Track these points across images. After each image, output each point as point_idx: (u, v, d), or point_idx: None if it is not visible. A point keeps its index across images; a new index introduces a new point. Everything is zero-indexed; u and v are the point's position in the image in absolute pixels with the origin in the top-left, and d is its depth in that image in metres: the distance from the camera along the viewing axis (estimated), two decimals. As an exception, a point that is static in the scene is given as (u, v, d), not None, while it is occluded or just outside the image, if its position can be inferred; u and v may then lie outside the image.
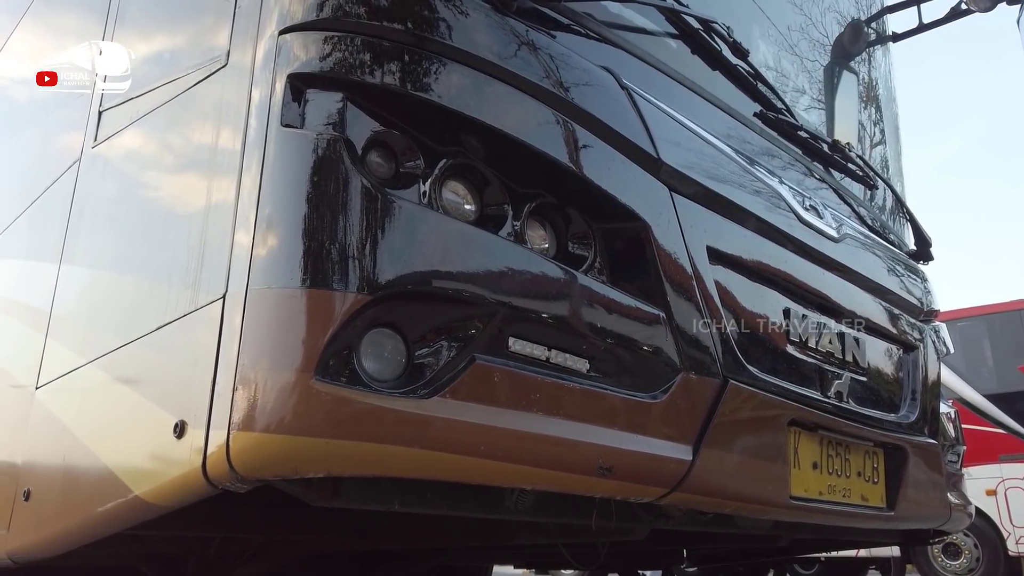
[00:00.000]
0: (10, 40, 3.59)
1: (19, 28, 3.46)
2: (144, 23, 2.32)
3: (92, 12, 2.65)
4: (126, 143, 2.15)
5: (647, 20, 2.14)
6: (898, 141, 3.47)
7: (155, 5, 2.28)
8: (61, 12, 3.21)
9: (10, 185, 3.09)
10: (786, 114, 2.47)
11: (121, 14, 2.40)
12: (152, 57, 2.17)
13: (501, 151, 1.66)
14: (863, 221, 2.75)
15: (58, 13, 3.24)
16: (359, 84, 1.54)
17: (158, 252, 1.81)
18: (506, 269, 1.57)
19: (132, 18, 2.35)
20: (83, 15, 2.89)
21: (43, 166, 2.69)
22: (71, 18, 3.06)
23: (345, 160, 1.46)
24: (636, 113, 1.88)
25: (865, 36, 3.39)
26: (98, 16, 2.54)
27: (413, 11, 1.64)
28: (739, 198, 2.07)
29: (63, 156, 2.50)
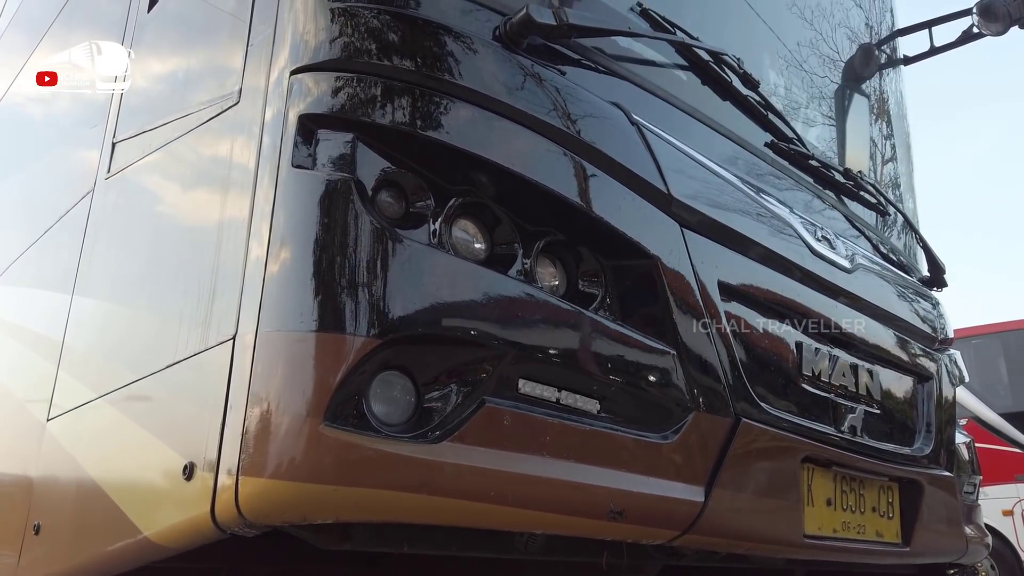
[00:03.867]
0: (24, 68, 3.63)
1: (33, 56, 3.50)
2: (158, 57, 2.33)
3: (105, 38, 2.68)
4: (139, 176, 2.16)
5: (657, 53, 2.14)
6: (910, 164, 3.45)
7: (169, 39, 2.30)
8: (74, 43, 3.25)
9: (25, 212, 3.12)
10: (797, 143, 2.46)
11: (135, 46, 2.42)
12: (166, 91, 2.19)
13: (511, 189, 1.66)
14: (876, 249, 2.73)
15: (72, 43, 3.28)
16: (370, 124, 1.54)
17: (170, 288, 1.82)
18: (516, 310, 1.56)
19: (146, 51, 2.38)
20: (96, 39, 2.92)
21: (57, 194, 2.71)
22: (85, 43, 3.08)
23: (355, 201, 1.46)
24: (646, 148, 1.88)
25: (876, 60, 3.38)
26: (112, 48, 2.57)
27: (424, 51, 1.64)
28: (750, 231, 2.06)
29: (77, 185, 2.52)
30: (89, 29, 3.14)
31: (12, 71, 4.13)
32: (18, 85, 4.00)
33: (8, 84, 4.19)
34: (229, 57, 1.85)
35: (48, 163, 3.11)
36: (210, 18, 2.06)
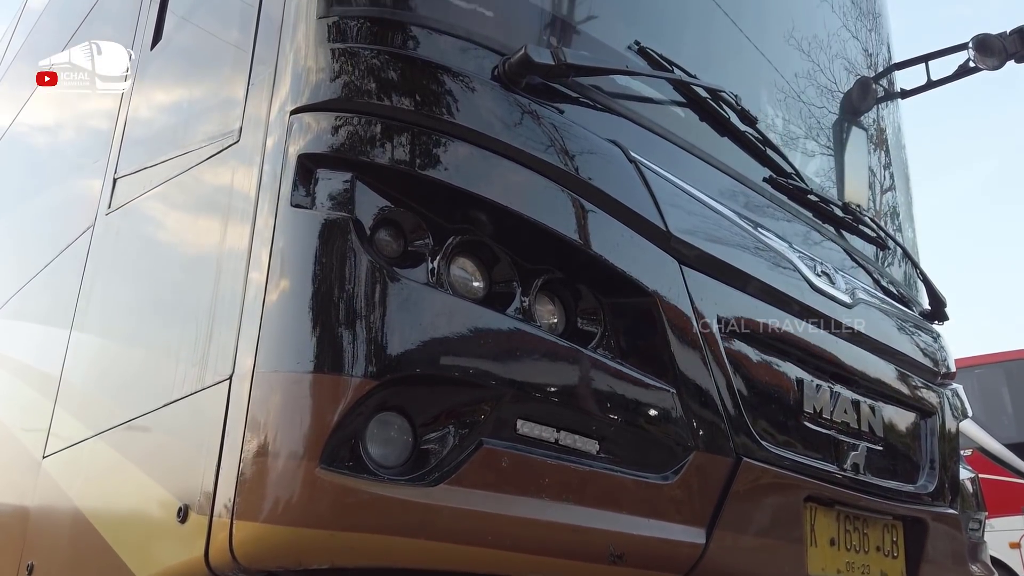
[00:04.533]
0: (29, 103, 3.67)
1: (36, 95, 3.54)
2: (160, 94, 2.35)
3: (109, 74, 2.71)
4: (140, 212, 2.17)
5: (654, 90, 2.15)
6: (909, 195, 3.45)
7: (171, 77, 2.32)
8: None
9: (27, 245, 3.13)
10: (796, 178, 2.46)
11: (138, 83, 2.44)
12: (168, 128, 2.20)
13: (510, 228, 1.66)
14: (876, 284, 2.72)
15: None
16: (369, 164, 1.55)
17: (168, 326, 1.81)
18: (515, 349, 1.56)
19: (149, 88, 2.40)
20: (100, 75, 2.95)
21: (58, 229, 2.72)
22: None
23: (354, 241, 1.46)
24: (644, 186, 1.88)
25: (874, 93, 3.40)
26: (115, 84, 2.59)
27: (423, 91, 1.65)
28: (750, 267, 2.05)
29: (78, 220, 2.53)
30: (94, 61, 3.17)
31: (17, 105, 4.17)
32: (22, 119, 4.03)
33: (13, 117, 4.22)
34: (230, 95, 1.86)
35: (50, 197, 3.13)
36: (212, 57, 2.08)
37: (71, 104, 3.25)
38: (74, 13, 3.54)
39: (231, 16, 2.02)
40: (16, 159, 3.98)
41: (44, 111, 3.71)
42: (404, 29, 1.73)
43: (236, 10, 1.99)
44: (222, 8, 2.09)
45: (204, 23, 2.17)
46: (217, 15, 2.10)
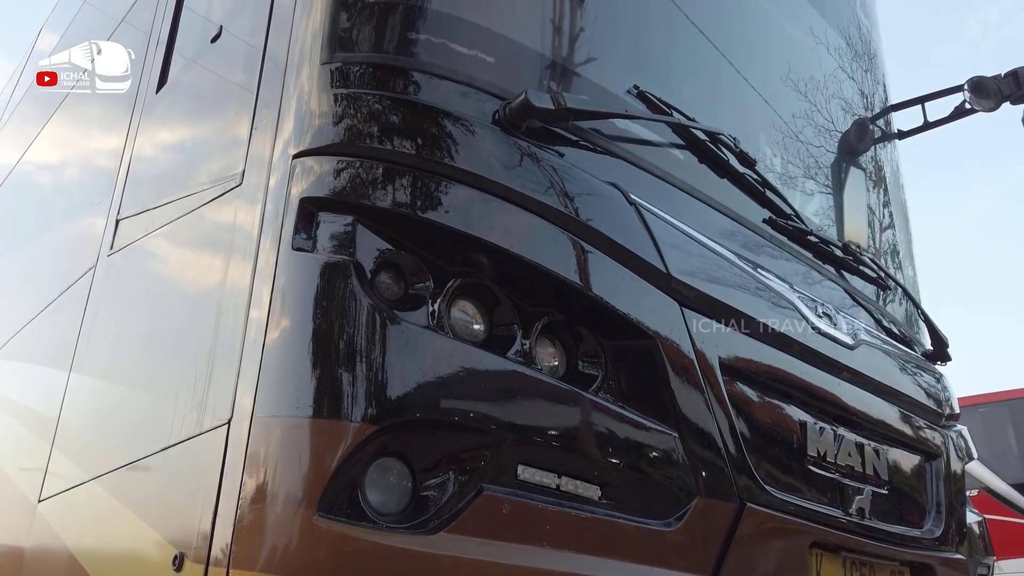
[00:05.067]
0: (33, 145, 3.71)
1: (45, 130, 3.58)
2: (164, 137, 2.38)
3: (115, 122, 2.74)
4: (142, 254, 2.18)
5: (653, 133, 2.17)
6: (908, 233, 3.46)
7: (176, 120, 2.35)
8: (83, 121, 3.32)
9: (29, 285, 3.13)
10: (795, 219, 2.47)
11: (143, 126, 2.47)
12: (171, 170, 2.22)
13: (510, 270, 1.66)
14: (878, 324, 2.72)
15: (81, 122, 3.35)
16: (371, 207, 1.56)
17: (167, 368, 1.81)
18: (516, 393, 1.55)
19: (153, 131, 2.42)
20: (105, 123, 2.98)
21: (61, 269, 2.73)
22: (94, 127, 3.15)
23: (354, 284, 1.47)
24: (644, 228, 1.89)
25: (871, 134, 3.43)
26: (120, 126, 2.62)
27: (424, 135, 1.67)
28: (751, 309, 2.05)
29: (81, 261, 2.53)
30: (99, 105, 3.22)
31: (24, 143, 4.21)
32: (29, 157, 4.07)
33: (19, 157, 4.27)
34: (233, 139, 1.88)
35: (54, 237, 3.14)
36: (216, 101, 2.11)
37: (76, 144, 3.28)
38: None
39: (235, 62, 2.05)
40: (22, 198, 4.01)
41: (50, 150, 3.75)
42: (406, 74, 1.75)
43: (240, 56, 2.02)
44: (227, 54, 2.12)
45: (209, 68, 2.20)
46: (222, 61, 2.13)
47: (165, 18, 2.61)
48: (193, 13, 2.48)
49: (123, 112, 2.61)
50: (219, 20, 2.22)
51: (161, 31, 2.58)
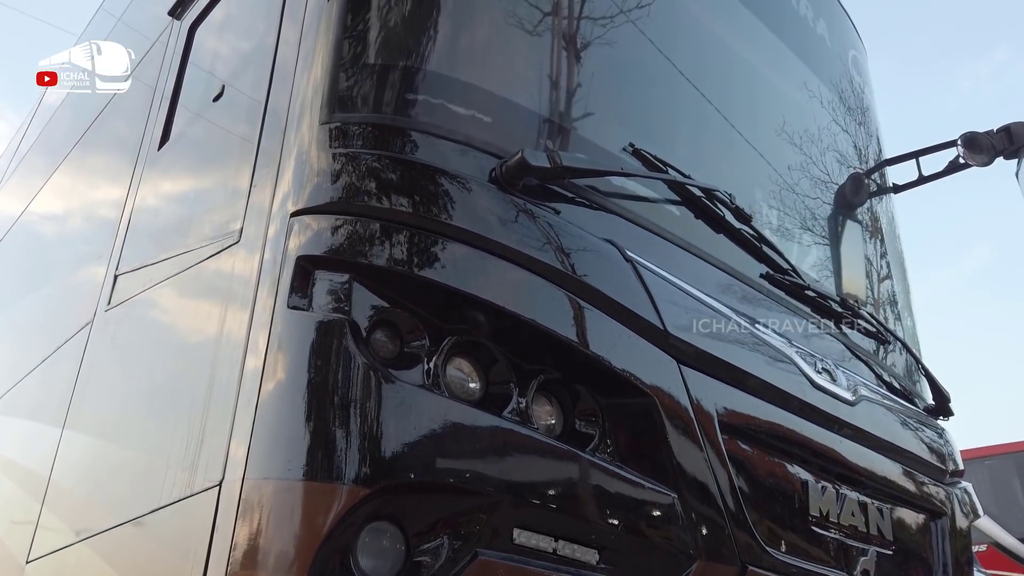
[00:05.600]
0: (37, 197, 3.74)
1: (47, 185, 3.61)
2: (165, 193, 2.40)
3: (117, 177, 2.77)
4: (139, 310, 2.17)
5: (649, 190, 2.19)
6: (906, 284, 3.46)
7: (176, 177, 2.37)
8: (86, 175, 3.35)
9: (25, 340, 3.12)
10: (793, 274, 2.47)
11: (144, 182, 2.49)
12: (170, 226, 2.24)
13: (507, 328, 1.66)
14: (878, 380, 2.70)
15: (84, 176, 3.38)
16: (367, 266, 1.56)
17: (159, 428, 1.79)
18: (512, 453, 1.53)
19: (154, 187, 2.44)
20: (108, 178, 3.02)
21: (57, 324, 2.73)
22: (96, 181, 3.18)
23: (349, 343, 1.46)
24: (641, 285, 1.89)
25: (866, 188, 3.46)
26: (122, 181, 2.65)
27: (422, 193, 1.68)
28: (749, 366, 2.04)
29: (77, 316, 2.53)
30: (101, 161, 3.26)
31: (28, 195, 4.25)
32: (31, 211, 4.10)
33: (21, 210, 4.30)
34: (233, 197, 1.90)
35: (52, 291, 3.15)
36: (216, 158, 2.13)
37: (78, 198, 3.31)
38: (89, 109, 3.64)
39: (236, 121, 2.08)
40: (25, 250, 4.03)
41: (53, 203, 3.78)
42: (404, 134, 1.78)
43: (241, 115, 2.05)
44: (228, 113, 2.15)
45: (210, 127, 2.24)
46: (223, 119, 2.16)
47: (170, 74, 2.65)
48: (198, 70, 2.53)
49: (125, 167, 2.64)
50: (222, 79, 2.26)
51: (166, 87, 2.63)
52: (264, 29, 2.10)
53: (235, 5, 2.45)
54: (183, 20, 2.74)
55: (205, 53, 2.53)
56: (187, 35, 2.64)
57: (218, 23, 2.52)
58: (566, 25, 2.23)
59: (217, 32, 2.51)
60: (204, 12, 2.57)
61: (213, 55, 2.48)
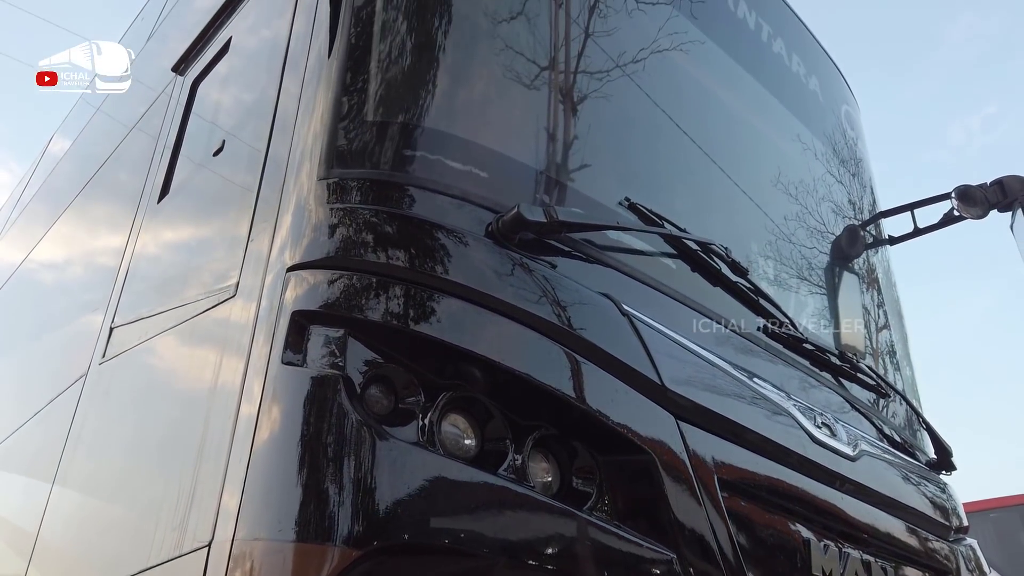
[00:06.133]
0: (36, 248, 3.75)
1: (47, 236, 3.63)
2: (163, 246, 2.41)
3: (116, 228, 2.78)
4: (133, 363, 2.16)
5: (645, 243, 2.19)
6: (905, 338, 3.46)
7: (175, 230, 2.39)
8: (86, 226, 3.37)
9: (20, 391, 3.10)
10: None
11: (143, 235, 2.50)
12: (168, 279, 2.24)
13: (502, 383, 1.64)
14: (879, 433, 2.67)
15: (83, 227, 3.40)
16: (363, 321, 1.56)
17: (149, 485, 1.76)
18: (507, 513, 1.50)
19: (152, 240, 2.45)
20: (107, 230, 3.03)
21: (52, 376, 2.71)
22: (96, 233, 3.20)
23: (343, 401, 1.45)
24: (638, 339, 1.88)
25: (862, 239, 3.48)
26: (121, 233, 2.66)
27: (418, 248, 1.69)
28: (748, 421, 2.02)
29: (72, 368, 2.52)
30: (102, 213, 3.28)
31: (29, 244, 4.26)
32: (31, 261, 4.11)
33: (21, 259, 4.31)
34: (230, 251, 1.90)
35: (48, 343, 3.13)
36: (215, 213, 2.14)
37: (77, 249, 3.32)
38: (92, 160, 3.69)
39: (235, 176, 2.10)
40: (23, 300, 4.02)
41: (52, 254, 3.79)
42: (401, 189, 1.79)
43: (240, 171, 2.07)
44: (227, 168, 2.17)
45: (210, 181, 2.25)
46: (222, 175, 2.18)
47: (172, 128, 2.69)
48: (199, 125, 2.56)
49: (125, 219, 2.66)
50: (222, 134, 2.29)
51: (168, 140, 2.66)
52: (265, 83, 2.13)
53: (237, 62, 2.50)
54: (186, 76, 2.79)
55: (207, 108, 2.57)
56: (189, 91, 2.68)
57: (220, 79, 2.56)
58: (562, 80, 2.27)
59: (219, 87, 2.56)
60: (207, 69, 2.62)
61: (214, 110, 2.51)
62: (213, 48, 2.66)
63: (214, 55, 2.62)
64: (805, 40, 3.52)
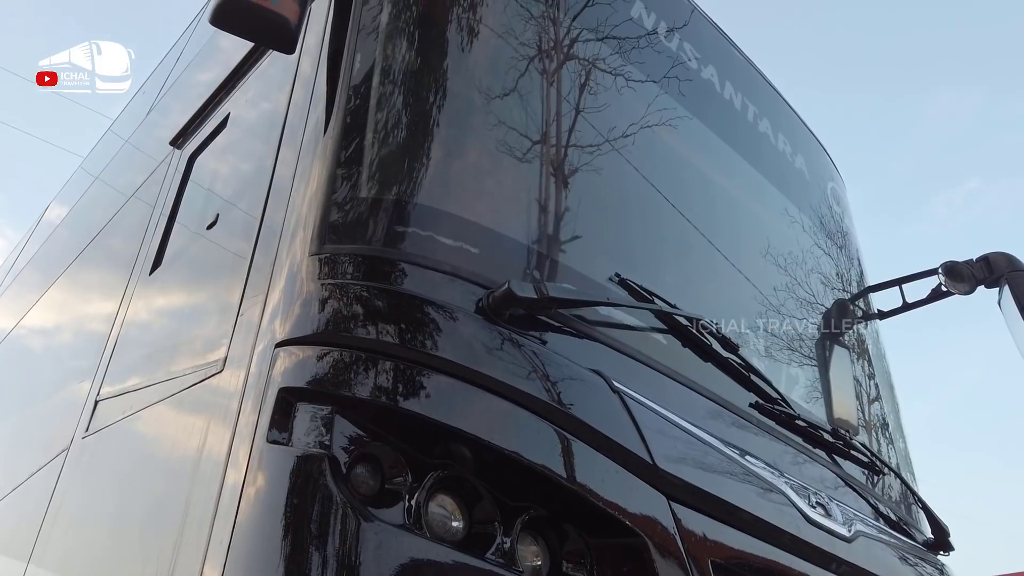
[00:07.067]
0: (27, 316, 3.73)
1: (36, 307, 3.62)
2: (152, 319, 2.40)
3: (106, 300, 2.77)
4: (116, 438, 2.13)
5: (636, 319, 2.20)
6: (897, 412, 3.44)
7: (165, 303, 2.38)
8: (77, 296, 3.37)
9: (2, 464, 3.03)
10: (782, 403, 2.45)
11: (132, 307, 2.50)
12: (155, 353, 2.22)
13: (491, 463, 1.62)
14: (875, 513, 2.63)
15: (75, 297, 3.40)
16: (350, 399, 1.54)
17: (127, 566, 1.71)
18: (495, 600, 1.45)
19: (141, 312, 2.45)
20: (97, 301, 3.02)
21: (34, 450, 2.66)
22: (87, 303, 3.19)
23: (328, 481, 1.42)
24: (629, 418, 1.86)
25: (852, 314, 3.50)
26: (111, 305, 2.65)
27: (408, 325, 1.69)
28: (741, 501, 1.98)
29: (54, 442, 2.47)
30: (94, 283, 3.28)
31: (17, 315, 4.25)
32: (21, 329, 4.09)
33: (12, 326, 4.28)
34: (219, 326, 1.90)
35: (32, 415, 3.09)
36: (204, 287, 2.15)
37: (66, 321, 3.31)
38: (87, 229, 3.71)
39: (230, 245, 2.11)
40: (11, 368, 3.98)
41: (41, 324, 3.77)
42: (392, 265, 1.80)
43: (235, 240, 2.09)
44: (221, 239, 2.19)
45: (202, 254, 2.27)
46: (215, 249, 2.19)
47: (167, 201, 2.72)
48: (194, 198, 2.59)
49: (116, 290, 2.66)
50: (217, 208, 2.31)
51: (163, 212, 2.68)
52: (262, 154, 2.16)
53: (235, 136, 2.54)
54: (183, 149, 2.84)
55: (202, 181, 2.60)
56: (186, 164, 2.72)
57: (217, 153, 2.60)
58: (553, 157, 2.31)
59: (215, 161, 2.60)
60: (204, 143, 2.67)
61: (210, 184, 2.55)
62: (211, 123, 2.72)
63: (212, 130, 2.67)
64: (790, 119, 3.61)
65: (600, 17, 2.64)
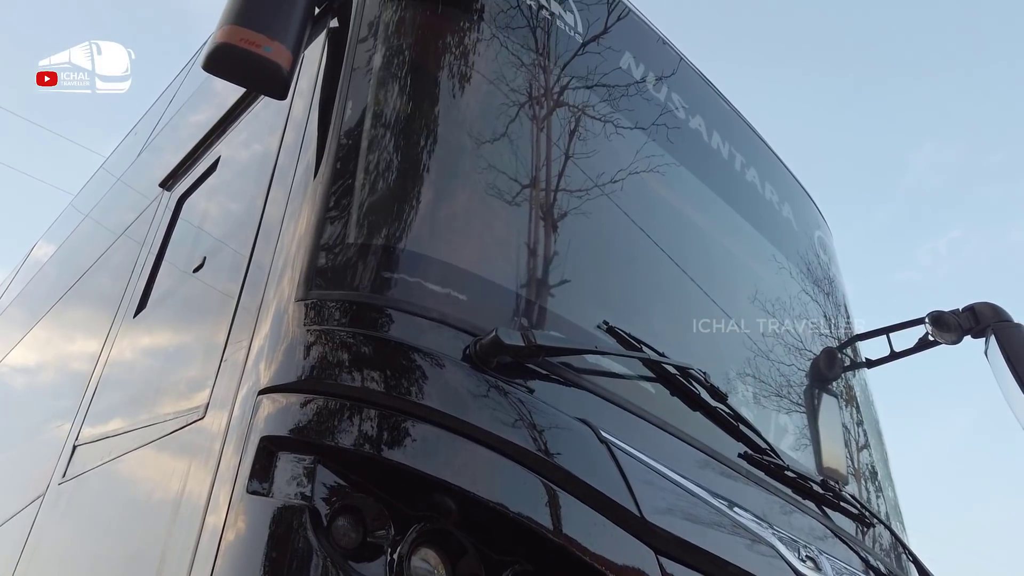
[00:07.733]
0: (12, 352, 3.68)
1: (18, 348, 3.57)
2: (134, 363, 2.37)
3: (88, 343, 2.74)
4: (94, 483, 2.08)
5: (624, 367, 2.19)
6: (886, 460, 3.41)
7: (148, 347, 2.36)
8: (60, 337, 3.33)
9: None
10: (771, 454, 2.43)
11: (115, 351, 2.47)
12: (136, 398, 2.19)
13: (476, 516, 1.59)
14: (865, 565, 2.59)
15: (57, 339, 3.36)
16: (333, 448, 1.52)
17: (98, 620, 1.66)
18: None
19: (124, 356, 2.42)
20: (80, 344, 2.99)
21: (9, 496, 2.60)
22: (69, 346, 3.15)
23: (309, 534, 1.39)
24: (616, 469, 1.84)
25: (840, 363, 3.50)
26: (93, 348, 2.62)
27: (394, 372, 1.67)
28: (730, 554, 1.94)
29: (29, 488, 2.42)
30: (77, 324, 3.24)
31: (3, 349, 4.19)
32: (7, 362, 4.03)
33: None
34: (201, 372, 1.87)
35: (9, 459, 3.02)
36: (187, 331, 2.12)
37: (49, 362, 3.26)
38: (73, 269, 3.68)
39: (216, 285, 2.09)
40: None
41: (23, 363, 3.72)
42: (379, 311, 1.79)
43: (221, 281, 2.07)
44: (207, 281, 2.17)
45: (188, 297, 2.25)
46: (199, 293, 2.17)
47: (155, 243, 2.70)
48: (181, 240, 2.58)
49: (99, 334, 2.63)
50: (203, 251, 2.30)
51: (149, 254, 2.67)
52: (252, 194, 2.16)
53: (225, 178, 2.54)
54: (172, 191, 2.84)
55: (191, 224, 2.60)
56: (175, 206, 2.72)
57: (206, 195, 2.60)
58: (542, 205, 2.32)
59: (204, 203, 2.59)
60: (193, 186, 2.67)
61: (198, 226, 2.54)
62: (202, 166, 2.72)
63: (202, 173, 2.67)
64: (778, 169, 3.66)
65: (589, 66, 2.68)
